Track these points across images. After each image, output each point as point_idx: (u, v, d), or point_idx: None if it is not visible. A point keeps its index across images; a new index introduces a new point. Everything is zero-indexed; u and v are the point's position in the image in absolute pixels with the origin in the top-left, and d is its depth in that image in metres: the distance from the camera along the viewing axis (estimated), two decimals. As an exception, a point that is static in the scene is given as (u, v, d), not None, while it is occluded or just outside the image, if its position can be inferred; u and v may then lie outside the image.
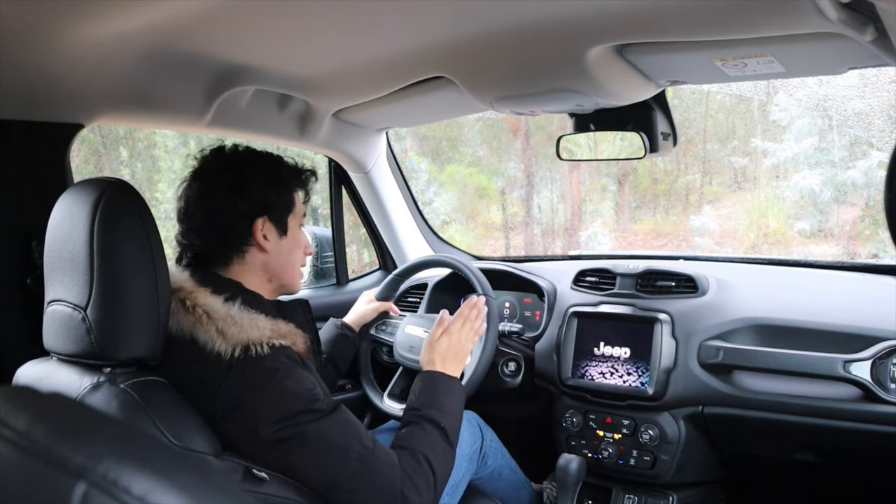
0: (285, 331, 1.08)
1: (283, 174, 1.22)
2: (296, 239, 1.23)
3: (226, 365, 1.00)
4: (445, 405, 1.23)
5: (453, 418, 1.23)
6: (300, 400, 1.01)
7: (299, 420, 1.00)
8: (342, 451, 1.02)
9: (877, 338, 1.31)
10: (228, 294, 1.09)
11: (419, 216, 2.22)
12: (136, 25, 1.07)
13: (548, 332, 1.73)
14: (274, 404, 0.99)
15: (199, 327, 1.03)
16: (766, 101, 5.81)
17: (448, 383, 1.28)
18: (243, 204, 1.15)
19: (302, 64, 1.35)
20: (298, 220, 1.24)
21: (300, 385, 1.02)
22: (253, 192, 1.16)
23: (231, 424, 1.00)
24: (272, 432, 0.99)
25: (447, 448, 1.17)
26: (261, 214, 1.16)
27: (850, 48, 1.04)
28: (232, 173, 1.16)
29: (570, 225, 6.82)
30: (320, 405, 1.03)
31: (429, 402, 1.22)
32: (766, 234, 5.91)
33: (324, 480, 1.01)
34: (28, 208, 1.23)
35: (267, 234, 1.17)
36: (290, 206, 1.22)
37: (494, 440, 1.63)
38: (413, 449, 1.12)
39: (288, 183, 1.22)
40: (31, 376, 1.03)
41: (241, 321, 1.04)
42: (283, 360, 1.03)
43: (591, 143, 1.60)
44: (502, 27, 1.12)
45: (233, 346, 1.01)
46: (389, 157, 2.08)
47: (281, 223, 1.20)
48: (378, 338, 1.68)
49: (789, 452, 1.50)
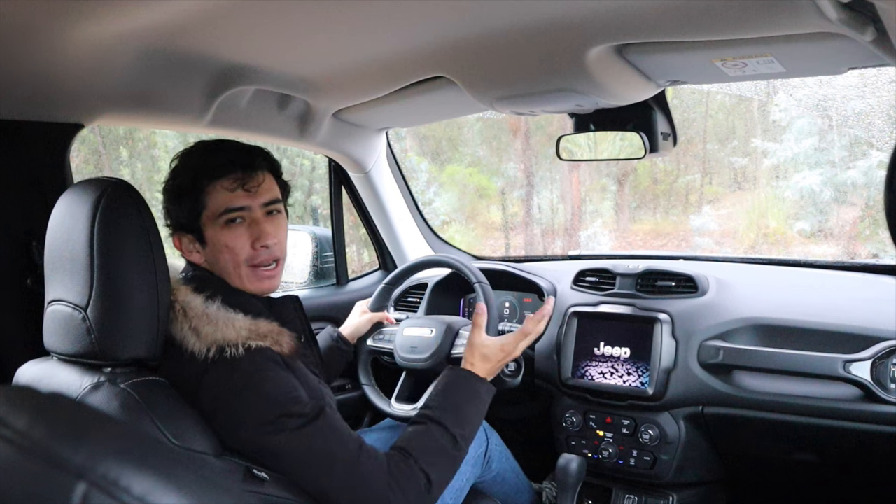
0: (266, 330, 1.05)
1: (180, 173, 1.10)
2: (216, 244, 1.10)
3: (201, 366, 0.99)
4: (462, 408, 1.18)
5: (467, 423, 1.17)
6: (279, 404, 0.99)
7: (281, 425, 0.98)
8: (326, 459, 1.00)
9: (877, 338, 1.31)
10: (210, 292, 1.07)
11: (419, 216, 2.22)
12: (136, 25, 1.07)
13: (548, 332, 1.73)
14: (252, 409, 0.98)
15: (175, 324, 1.02)
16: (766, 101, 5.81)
17: (474, 385, 1.23)
18: (167, 220, 1.13)
19: (302, 64, 1.35)
20: (217, 219, 1.09)
21: (279, 388, 1.00)
22: (164, 208, 1.13)
23: (216, 426, 0.99)
24: (254, 436, 0.98)
25: (452, 453, 1.13)
26: (174, 233, 1.12)
27: (850, 48, 1.03)
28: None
29: (570, 225, 6.82)
30: (301, 409, 1.00)
31: (443, 402, 1.18)
32: (766, 234, 5.90)
33: (311, 487, 1.00)
34: (28, 208, 1.23)
35: (191, 247, 1.12)
36: (198, 209, 1.09)
37: (499, 444, 1.63)
38: (408, 452, 1.09)
39: (189, 181, 1.09)
40: (32, 376, 1.03)
41: (216, 320, 1.02)
42: (260, 363, 1.00)
43: (591, 143, 1.60)
44: (502, 27, 1.12)
45: (207, 345, 0.99)
46: (389, 157, 2.08)
47: (196, 231, 1.10)
48: (377, 347, 1.67)
49: (789, 452, 1.50)
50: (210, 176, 1.09)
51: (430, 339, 1.53)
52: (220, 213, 1.09)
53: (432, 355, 1.52)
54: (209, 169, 1.09)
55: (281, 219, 1.17)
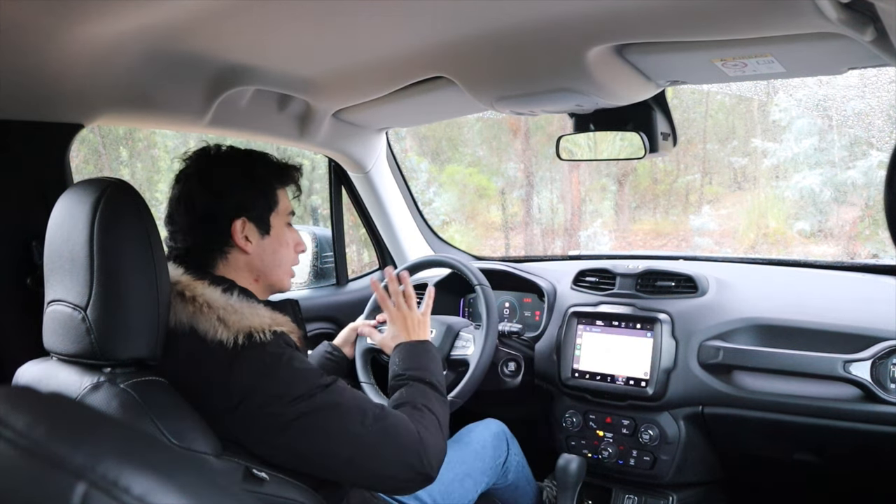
0: (282, 321, 1.10)
1: (260, 172, 1.19)
2: (280, 238, 1.21)
3: (230, 354, 1.00)
4: (426, 364, 1.27)
5: (436, 373, 1.27)
6: (309, 377, 1.04)
7: (315, 395, 1.02)
8: (359, 413, 1.05)
9: (877, 338, 1.31)
10: (225, 286, 1.09)
11: (419, 216, 2.22)
12: (136, 25, 1.07)
13: (548, 332, 1.73)
14: (288, 386, 1.01)
15: (200, 316, 1.03)
16: (766, 101, 5.81)
17: (421, 346, 1.33)
18: (221, 205, 1.14)
19: (302, 64, 1.35)
20: (284, 218, 1.21)
21: (305, 364, 1.06)
22: (229, 193, 1.14)
23: (238, 416, 0.99)
24: (292, 413, 1.00)
25: (440, 397, 1.22)
26: (239, 215, 1.15)
27: (850, 48, 1.03)
28: (209, 174, 1.15)
29: (570, 225, 6.82)
30: (325, 380, 1.06)
31: (409, 366, 1.27)
32: (766, 234, 5.91)
33: (345, 450, 1.03)
34: (28, 208, 1.22)
35: (249, 235, 1.16)
36: (271, 205, 1.19)
37: (519, 454, 1.64)
38: (412, 402, 1.16)
39: (268, 180, 1.19)
40: (31, 376, 1.03)
41: (241, 309, 1.05)
42: (285, 346, 1.05)
43: (591, 143, 1.60)
44: (502, 27, 1.12)
45: (235, 333, 1.01)
46: (389, 157, 2.08)
47: (263, 222, 1.18)
48: (376, 346, 1.67)
49: (789, 452, 1.50)
50: (282, 181, 1.22)
51: (430, 339, 1.53)
52: (287, 213, 1.22)
53: (432, 355, 1.51)
54: (282, 175, 1.22)
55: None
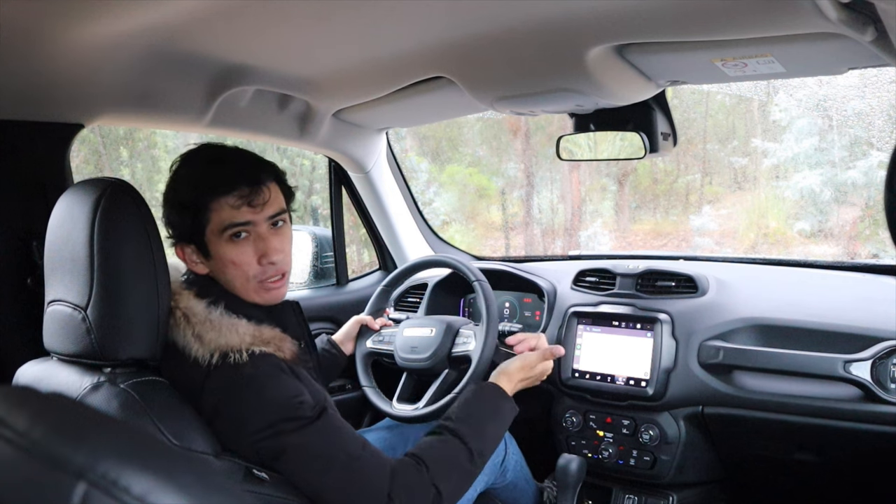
0: (269, 336, 1.04)
1: (182, 191, 1.06)
2: (222, 258, 1.07)
3: (204, 371, 0.99)
4: (483, 424, 1.16)
5: (487, 439, 1.15)
6: (281, 408, 0.98)
7: (279, 429, 0.97)
8: (324, 462, 0.99)
9: (877, 338, 1.31)
10: (213, 297, 1.06)
11: (419, 216, 2.22)
12: (136, 25, 1.07)
13: (548, 332, 1.72)
14: (253, 413, 0.97)
15: (177, 330, 1.02)
16: (766, 101, 5.80)
17: (497, 401, 1.22)
18: (167, 228, 1.09)
19: (302, 64, 1.35)
20: (222, 235, 1.06)
21: (281, 392, 0.99)
22: (165, 217, 1.09)
23: (217, 429, 0.99)
24: (252, 441, 0.97)
25: (468, 468, 1.10)
26: (176, 242, 1.09)
27: (850, 48, 1.03)
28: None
29: (570, 225, 6.82)
30: (304, 412, 0.99)
31: (465, 416, 1.15)
32: (766, 235, 5.90)
33: (308, 490, 1.00)
34: (28, 208, 1.23)
35: (196, 258, 1.10)
36: (200, 226, 1.06)
37: (517, 454, 1.63)
38: (422, 460, 1.06)
39: (191, 198, 1.05)
40: (31, 376, 1.03)
41: (219, 326, 1.01)
42: (263, 368, 1.00)
43: (591, 143, 1.60)
44: (502, 27, 1.12)
45: (210, 351, 0.99)
46: (389, 157, 2.08)
47: (201, 245, 1.07)
48: (378, 349, 1.67)
49: (789, 452, 1.50)
50: (214, 192, 1.04)
51: (431, 339, 1.53)
52: (224, 228, 1.06)
53: (432, 355, 1.51)
54: (213, 184, 1.05)
55: (286, 229, 1.15)
